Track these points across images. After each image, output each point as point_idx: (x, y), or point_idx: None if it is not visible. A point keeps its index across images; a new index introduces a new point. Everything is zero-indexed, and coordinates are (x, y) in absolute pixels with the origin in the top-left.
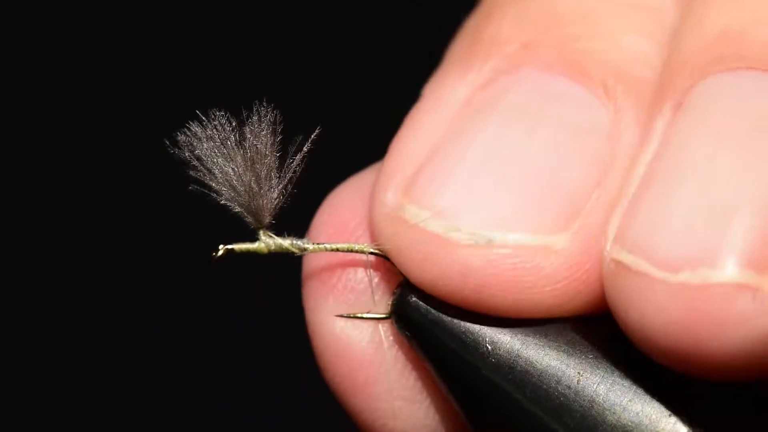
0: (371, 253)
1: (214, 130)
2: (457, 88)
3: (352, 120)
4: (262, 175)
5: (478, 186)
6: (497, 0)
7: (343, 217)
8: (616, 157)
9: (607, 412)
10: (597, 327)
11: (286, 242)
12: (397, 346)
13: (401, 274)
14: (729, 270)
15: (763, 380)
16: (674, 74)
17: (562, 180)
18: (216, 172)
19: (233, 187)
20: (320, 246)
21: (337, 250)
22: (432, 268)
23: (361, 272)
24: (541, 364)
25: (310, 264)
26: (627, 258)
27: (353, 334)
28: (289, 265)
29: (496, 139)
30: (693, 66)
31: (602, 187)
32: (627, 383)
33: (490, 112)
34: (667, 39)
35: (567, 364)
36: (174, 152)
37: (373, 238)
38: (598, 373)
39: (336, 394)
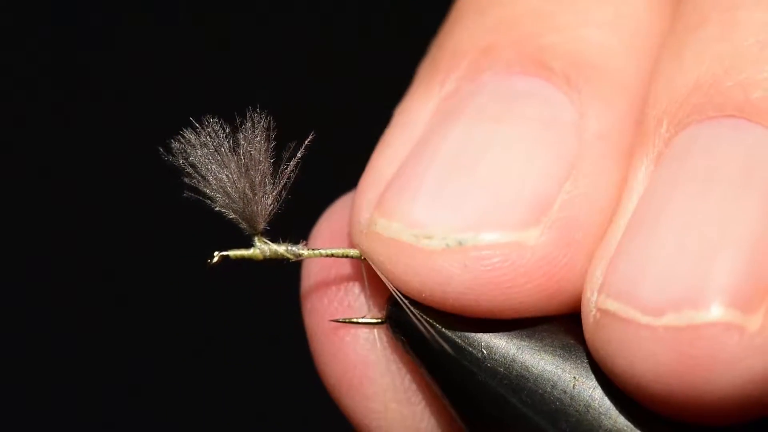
0: (365, 258)
1: (208, 136)
2: (423, 105)
3: (347, 126)
4: (257, 182)
5: (445, 191)
6: (455, 16)
7: (340, 225)
8: (584, 147)
9: (603, 417)
10: None
11: (281, 248)
12: (392, 350)
13: None
14: (714, 310)
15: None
16: (654, 123)
17: (528, 175)
18: (210, 178)
19: (227, 194)
20: (315, 251)
21: (332, 255)
22: (412, 279)
23: (357, 276)
24: (536, 369)
25: (309, 268)
26: (612, 305)
27: (348, 336)
28: (285, 270)
29: (460, 144)
30: (672, 116)
31: (573, 179)
32: None
33: (454, 119)
34: (629, 26)
35: (563, 369)
36: (168, 159)
37: None
38: (594, 377)
39: (332, 395)
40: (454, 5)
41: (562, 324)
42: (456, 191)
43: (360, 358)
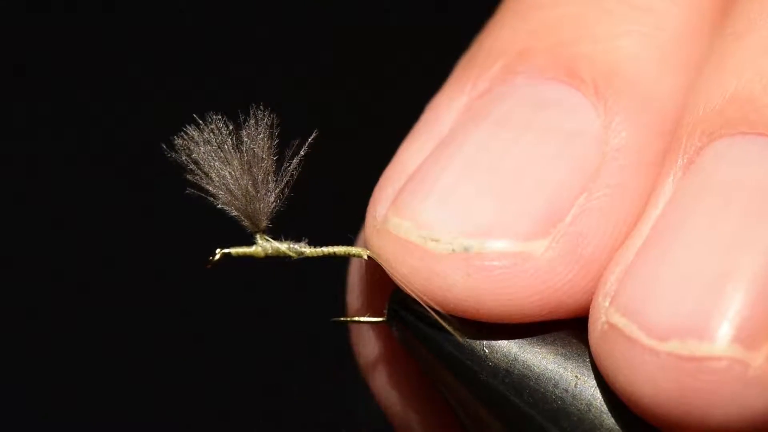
0: (369, 257)
1: (211, 133)
2: (453, 101)
3: (350, 123)
4: (259, 179)
5: (458, 194)
6: (499, 16)
7: None
8: (605, 161)
9: (605, 416)
10: None
11: (283, 246)
12: (391, 348)
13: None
14: (718, 343)
15: None
16: (688, 131)
17: (544, 184)
18: (213, 175)
19: (230, 191)
20: (318, 249)
21: (335, 254)
22: (415, 280)
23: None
24: (538, 368)
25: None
26: (619, 321)
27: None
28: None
29: (481, 147)
30: (704, 126)
31: (588, 192)
32: None
33: (479, 121)
34: (667, 39)
35: (564, 368)
36: (171, 156)
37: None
38: (596, 376)
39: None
40: (500, 5)
41: (565, 323)
42: (468, 195)
43: (366, 351)
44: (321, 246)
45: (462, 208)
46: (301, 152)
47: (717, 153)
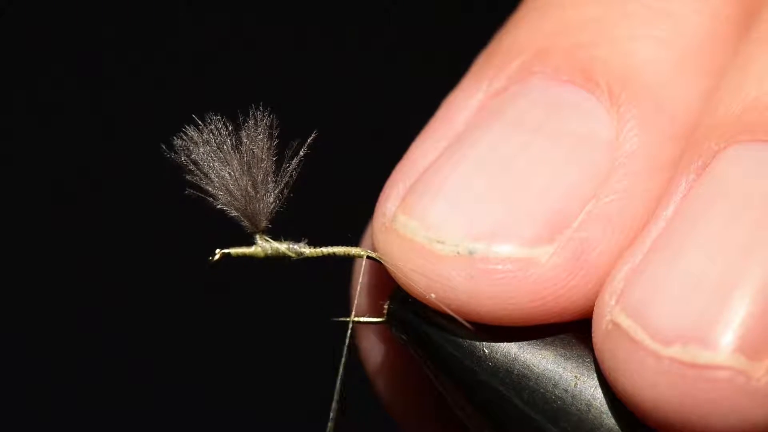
0: (369, 257)
1: (211, 134)
2: (470, 97)
3: (349, 123)
4: (259, 180)
5: (467, 195)
6: (519, 14)
7: None
8: (615, 166)
9: (605, 416)
10: None
11: (282, 246)
12: (390, 348)
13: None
14: (720, 352)
15: None
16: (705, 134)
17: (553, 189)
18: (212, 176)
19: (230, 192)
20: (317, 250)
21: (334, 254)
22: (419, 280)
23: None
24: (538, 368)
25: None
26: (624, 321)
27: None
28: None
29: (492, 150)
30: (722, 130)
31: (597, 198)
32: None
33: (493, 121)
34: (685, 44)
35: (564, 368)
36: (170, 156)
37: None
38: (596, 376)
39: None
40: (521, 3)
41: (566, 325)
42: (476, 197)
43: (368, 350)
44: (321, 246)
45: (469, 210)
46: (301, 152)
47: (733, 158)
